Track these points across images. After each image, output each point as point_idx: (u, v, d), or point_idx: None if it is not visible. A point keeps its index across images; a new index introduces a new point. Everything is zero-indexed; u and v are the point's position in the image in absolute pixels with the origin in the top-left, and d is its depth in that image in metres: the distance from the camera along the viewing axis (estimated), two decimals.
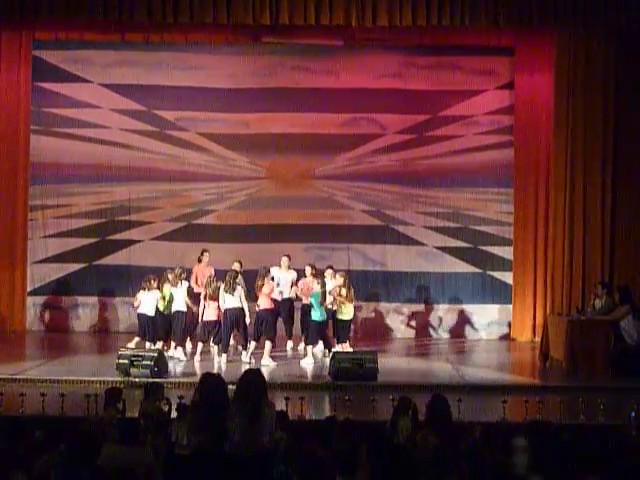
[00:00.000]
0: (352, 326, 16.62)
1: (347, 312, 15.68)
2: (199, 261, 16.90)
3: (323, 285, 15.48)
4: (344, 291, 15.55)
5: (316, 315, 15.37)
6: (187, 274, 16.09)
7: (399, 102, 19.17)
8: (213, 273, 16.14)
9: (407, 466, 5.96)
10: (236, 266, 16.09)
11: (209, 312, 15.40)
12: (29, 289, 19.15)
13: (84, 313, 19.17)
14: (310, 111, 19.21)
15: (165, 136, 19.34)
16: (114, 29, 18.65)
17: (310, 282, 16.08)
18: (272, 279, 15.89)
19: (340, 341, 15.62)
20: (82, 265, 19.15)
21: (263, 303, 15.37)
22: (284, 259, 16.67)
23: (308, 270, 16.43)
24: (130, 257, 19.11)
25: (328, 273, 16.27)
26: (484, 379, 14.34)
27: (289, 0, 16.59)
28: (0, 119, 18.95)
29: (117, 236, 19.27)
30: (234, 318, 15.06)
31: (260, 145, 19.26)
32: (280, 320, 16.35)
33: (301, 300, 16.38)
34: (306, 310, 16.10)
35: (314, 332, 15.50)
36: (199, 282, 16.28)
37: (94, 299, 19.09)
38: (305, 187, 19.40)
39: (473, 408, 11.54)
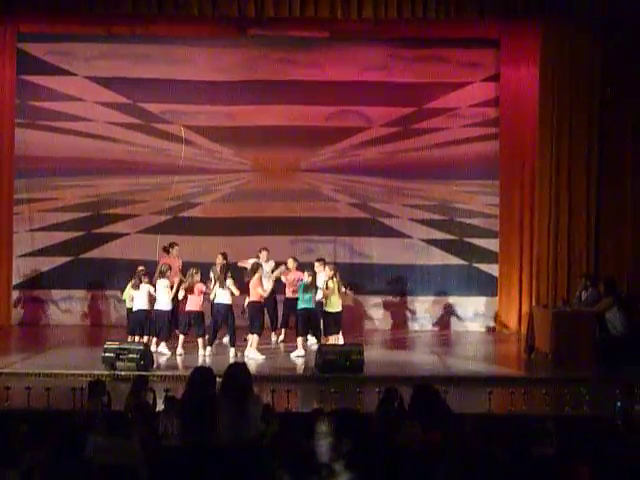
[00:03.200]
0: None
1: (335, 304, 15.67)
2: (167, 252, 16.91)
3: (313, 276, 15.54)
4: (331, 283, 15.56)
5: (303, 304, 15.43)
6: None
7: (384, 94, 19.18)
8: (181, 266, 16.40)
9: (392, 456, 5.97)
10: (220, 259, 16.08)
11: (192, 303, 15.42)
12: (15, 282, 19.12)
13: (70, 306, 19.14)
14: (295, 104, 19.20)
15: (150, 129, 19.31)
16: (99, 22, 18.57)
17: (294, 274, 16.15)
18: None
19: (328, 333, 15.61)
20: (68, 258, 19.12)
21: (252, 296, 15.36)
22: (263, 253, 16.60)
23: (291, 263, 16.45)
24: (116, 250, 19.06)
25: (318, 265, 16.27)
26: (470, 371, 14.39)
27: None
28: None
29: (103, 229, 19.25)
30: (223, 312, 15.13)
31: (245, 138, 19.24)
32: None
33: (284, 291, 16.42)
34: (290, 304, 16.16)
35: (302, 322, 15.54)
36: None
37: (80, 292, 19.02)
38: (291, 180, 19.40)
39: (459, 400, 11.56)
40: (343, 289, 15.85)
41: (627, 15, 16.61)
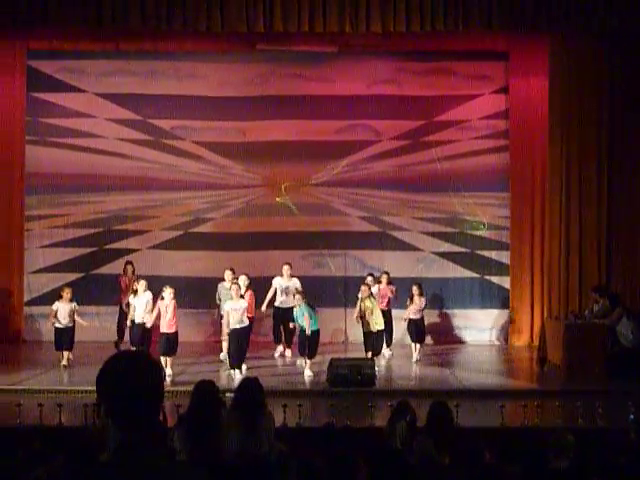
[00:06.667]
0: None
1: (368, 324, 15.80)
2: (125, 272, 17.45)
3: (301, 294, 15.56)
4: (368, 302, 15.73)
5: (315, 325, 15.25)
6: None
7: (394, 108, 19.18)
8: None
9: (404, 471, 5.95)
10: (229, 275, 16.12)
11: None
12: (26, 299, 19.13)
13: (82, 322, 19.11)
14: (305, 118, 19.20)
15: (161, 145, 19.34)
16: (108, 38, 18.64)
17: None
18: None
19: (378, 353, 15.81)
20: (79, 275, 19.11)
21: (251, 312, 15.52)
22: (285, 267, 16.71)
23: (384, 278, 17.13)
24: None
25: (384, 278, 17.08)
26: (482, 384, 14.35)
27: (283, 7, 16.54)
28: None
29: (114, 245, 19.25)
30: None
31: (256, 153, 19.25)
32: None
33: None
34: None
35: (315, 343, 15.34)
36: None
37: (92, 308, 18.96)
38: (301, 194, 19.39)
39: (471, 413, 11.53)
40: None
41: (634, 27, 16.59)
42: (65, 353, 15.68)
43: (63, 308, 15.82)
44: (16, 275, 19.05)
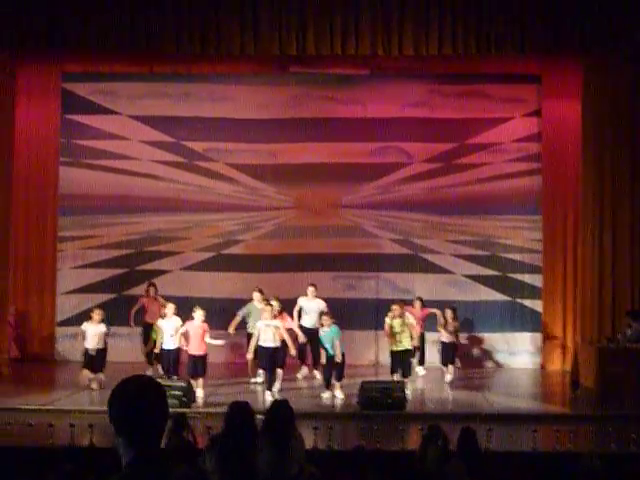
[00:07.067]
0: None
1: (395, 343, 15.65)
2: (147, 293, 17.58)
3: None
4: (396, 323, 15.66)
5: (343, 348, 15.15)
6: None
7: (426, 131, 19.18)
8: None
9: None
10: (257, 296, 16.20)
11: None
12: (59, 320, 19.23)
13: (114, 343, 19.11)
14: (337, 141, 19.23)
15: (193, 167, 19.44)
16: (142, 61, 18.83)
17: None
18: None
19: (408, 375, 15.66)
20: (112, 296, 19.19)
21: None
22: (310, 288, 16.78)
23: (418, 304, 17.17)
24: (159, 287, 19.04)
25: (417, 304, 17.21)
26: (514, 408, 14.26)
27: (315, 30, 16.63)
28: (30, 151, 19.11)
29: (146, 266, 19.32)
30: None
31: (287, 175, 19.31)
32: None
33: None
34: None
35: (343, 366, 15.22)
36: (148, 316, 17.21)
37: (124, 329, 18.99)
38: (333, 216, 19.40)
39: (503, 438, 11.45)
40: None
41: None
42: (96, 375, 15.63)
43: (92, 330, 15.82)
44: (48, 296, 19.18)
